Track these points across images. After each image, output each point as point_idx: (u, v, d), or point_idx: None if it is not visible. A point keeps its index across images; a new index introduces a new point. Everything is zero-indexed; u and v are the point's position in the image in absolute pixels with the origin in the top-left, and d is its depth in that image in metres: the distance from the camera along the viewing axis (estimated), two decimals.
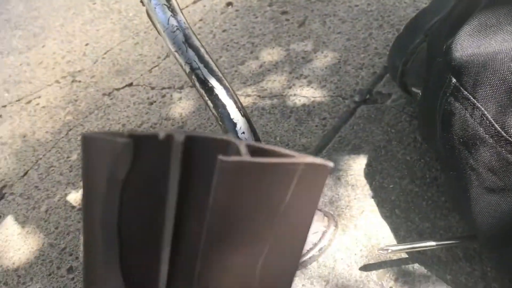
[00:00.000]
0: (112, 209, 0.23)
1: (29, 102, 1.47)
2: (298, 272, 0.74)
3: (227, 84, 0.74)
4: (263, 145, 0.23)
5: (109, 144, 0.22)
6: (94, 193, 0.24)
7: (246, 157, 0.21)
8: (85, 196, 0.24)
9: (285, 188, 0.23)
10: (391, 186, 0.81)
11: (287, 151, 0.23)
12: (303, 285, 0.72)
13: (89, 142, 0.24)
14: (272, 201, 0.23)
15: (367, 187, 0.82)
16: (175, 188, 0.23)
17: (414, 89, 0.85)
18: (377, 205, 0.79)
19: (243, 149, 0.22)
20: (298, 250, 0.27)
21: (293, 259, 0.27)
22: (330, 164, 0.24)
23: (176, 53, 0.74)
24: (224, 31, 1.37)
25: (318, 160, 0.23)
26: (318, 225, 0.78)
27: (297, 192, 0.23)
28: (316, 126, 0.98)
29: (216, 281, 0.24)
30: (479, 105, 0.58)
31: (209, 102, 0.74)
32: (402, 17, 1.15)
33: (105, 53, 1.54)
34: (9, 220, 1.08)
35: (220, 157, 0.20)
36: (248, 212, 0.23)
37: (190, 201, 0.23)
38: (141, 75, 1.37)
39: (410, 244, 0.67)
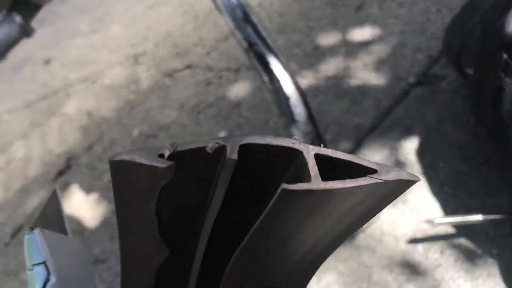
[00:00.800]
0: (150, 210, 0.22)
1: (94, 82, 1.55)
2: (345, 242, 0.76)
3: (282, 59, 0.77)
4: (335, 152, 0.21)
5: (147, 170, 0.20)
6: (129, 199, 0.22)
7: (314, 184, 0.19)
8: (119, 201, 0.23)
9: (355, 202, 0.21)
10: (441, 165, 0.82)
11: (364, 162, 0.20)
12: (350, 253, 0.75)
13: (121, 168, 0.21)
14: (335, 212, 0.21)
15: (417, 165, 0.84)
16: (220, 196, 0.22)
17: (468, 71, 0.86)
18: (427, 182, 0.80)
19: (312, 164, 0.20)
20: (342, 239, 0.25)
21: (332, 248, 0.25)
22: (417, 179, 0.21)
23: (235, 30, 0.78)
24: (281, 15, 1.40)
25: (404, 176, 0.20)
26: None
27: (368, 202, 0.21)
28: (370, 107, 1.00)
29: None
30: None
31: (264, 76, 0.77)
32: (461, 1, 1.14)
33: (166, 37, 1.60)
34: (75, 188, 1.16)
35: (284, 186, 0.18)
36: (302, 222, 0.21)
37: (235, 206, 0.22)
38: (200, 58, 1.42)
39: (456, 216, 0.68)
